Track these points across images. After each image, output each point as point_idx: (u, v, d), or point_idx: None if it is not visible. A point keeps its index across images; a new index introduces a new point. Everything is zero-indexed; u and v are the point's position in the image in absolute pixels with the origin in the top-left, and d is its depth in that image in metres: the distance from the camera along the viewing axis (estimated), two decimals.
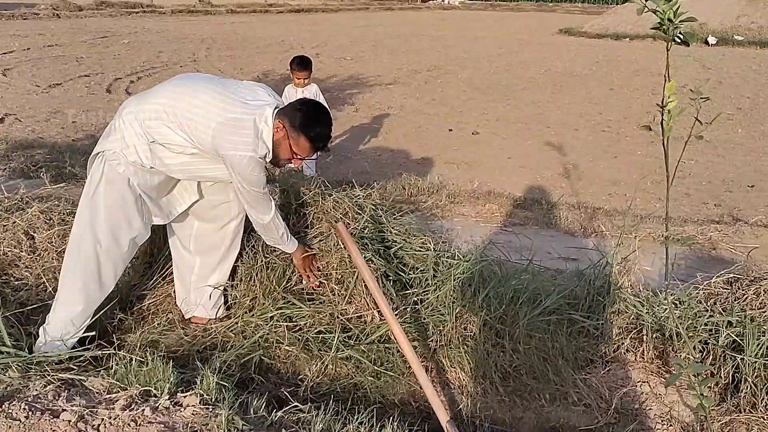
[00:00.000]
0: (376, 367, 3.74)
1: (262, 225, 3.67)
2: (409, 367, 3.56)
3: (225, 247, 3.99)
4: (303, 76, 6.95)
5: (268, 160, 3.50)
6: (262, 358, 3.77)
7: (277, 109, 3.45)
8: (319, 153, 6.16)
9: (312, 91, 7.01)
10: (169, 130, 3.40)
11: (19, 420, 2.67)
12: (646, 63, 17.07)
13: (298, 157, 3.52)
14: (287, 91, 7.05)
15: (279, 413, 2.96)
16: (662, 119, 2.93)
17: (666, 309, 3.76)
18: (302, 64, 7.02)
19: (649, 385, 3.66)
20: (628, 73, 15.63)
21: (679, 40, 2.62)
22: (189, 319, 4.08)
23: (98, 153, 3.49)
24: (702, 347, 3.70)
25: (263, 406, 3.00)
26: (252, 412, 2.95)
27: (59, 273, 3.63)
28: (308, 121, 3.43)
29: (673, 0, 2.45)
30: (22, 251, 4.30)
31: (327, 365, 3.74)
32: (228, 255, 4.03)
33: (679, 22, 2.53)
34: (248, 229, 4.17)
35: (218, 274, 4.03)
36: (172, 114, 3.37)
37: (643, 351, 3.82)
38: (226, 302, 4.15)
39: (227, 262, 4.05)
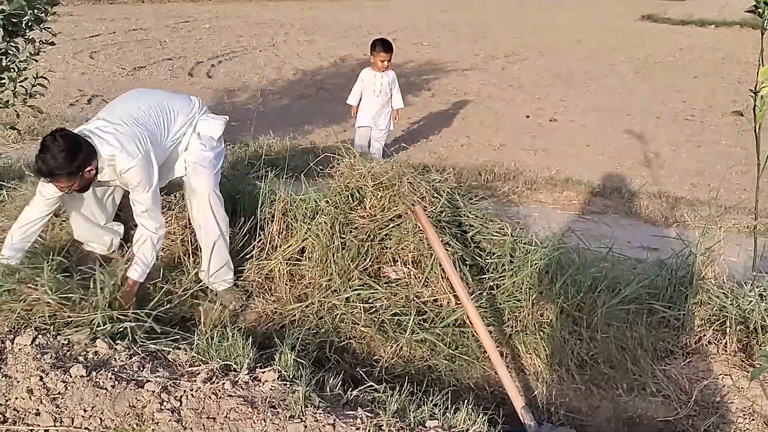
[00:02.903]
0: (450, 351, 3.75)
1: None
2: (484, 351, 3.55)
3: (198, 222, 4.08)
4: (386, 58, 6.75)
5: None
6: (338, 338, 3.82)
7: None
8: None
9: (390, 77, 6.90)
10: None
11: (106, 389, 2.77)
12: (732, 51, 16.52)
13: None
14: (363, 74, 6.92)
15: (354, 392, 3.00)
16: (755, 105, 2.85)
17: (751, 301, 3.66)
18: (386, 45, 6.81)
19: (732, 378, 3.57)
20: (713, 61, 15.16)
21: None
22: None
23: None
24: None
25: (339, 385, 3.03)
26: (328, 389, 2.99)
27: None
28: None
29: None
30: None
31: (402, 347, 3.76)
32: (203, 229, 4.07)
33: None
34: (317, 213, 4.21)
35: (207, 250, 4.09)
36: None
37: (726, 343, 3.72)
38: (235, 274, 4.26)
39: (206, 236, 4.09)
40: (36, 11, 4.95)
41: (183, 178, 4.08)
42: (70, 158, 3.47)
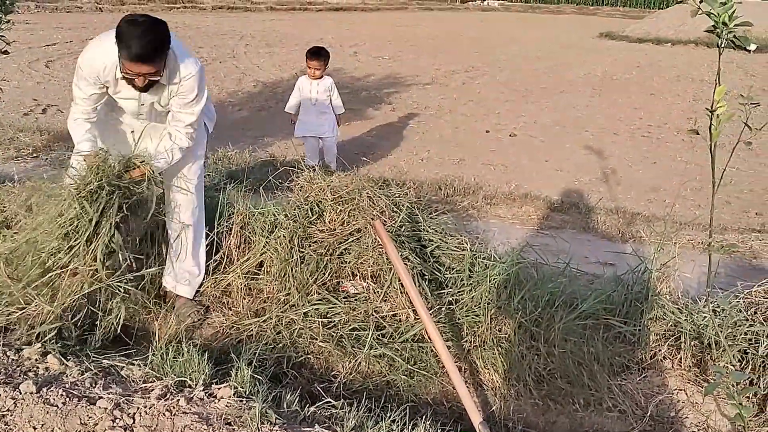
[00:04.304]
0: (409, 366, 3.73)
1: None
2: (443, 366, 3.54)
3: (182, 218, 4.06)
4: (315, 66, 6.75)
5: (107, 69, 3.61)
6: (296, 353, 3.78)
7: None
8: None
9: (326, 85, 6.89)
10: None
11: (57, 406, 2.71)
12: (688, 69, 16.85)
13: (130, 74, 3.50)
14: (300, 81, 6.93)
15: (312, 408, 2.97)
16: (711, 124, 2.89)
17: (705, 317, 3.70)
18: (315, 53, 6.80)
19: (686, 393, 3.61)
20: (669, 79, 15.44)
21: (732, 44, 2.58)
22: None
23: None
24: (741, 357, 3.64)
25: (296, 401, 3.01)
26: (285, 406, 2.96)
27: None
28: (120, 32, 3.41)
29: (728, 3, 2.40)
30: None
31: (360, 362, 3.74)
32: (188, 230, 4.07)
33: (734, 26, 2.48)
34: (280, 225, 4.18)
35: (186, 252, 4.09)
36: None
37: (681, 358, 3.76)
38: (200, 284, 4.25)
39: (190, 238, 4.09)
40: None
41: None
42: (162, 37, 3.43)
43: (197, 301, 4.16)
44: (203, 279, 4.20)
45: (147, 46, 3.37)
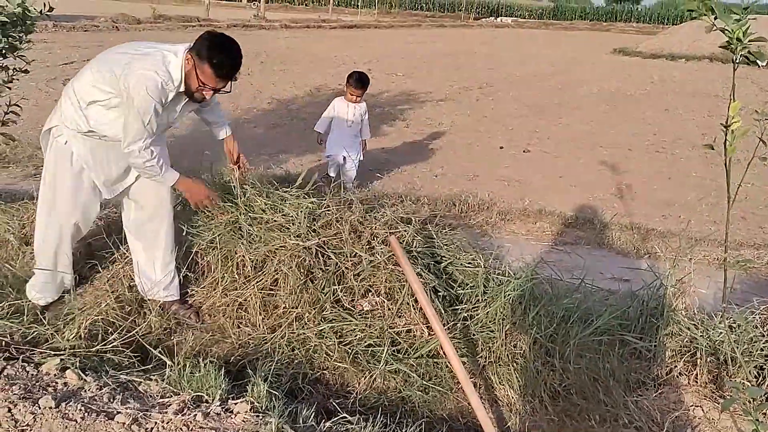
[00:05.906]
0: (424, 382, 3.74)
1: (132, 153, 3.73)
2: (458, 382, 3.54)
3: (160, 232, 4.15)
4: (359, 94, 6.82)
5: (176, 90, 3.73)
6: (312, 369, 3.80)
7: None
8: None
9: (363, 109, 6.99)
10: (95, 89, 3.75)
11: (75, 420, 2.73)
12: (702, 84, 16.84)
13: (206, 87, 3.73)
14: (336, 103, 6.97)
15: (328, 423, 2.98)
16: (725, 139, 2.90)
17: (721, 333, 3.70)
18: (360, 82, 6.86)
19: (703, 410, 3.59)
20: (683, 94, 15.43)
21: (747, 60, 2.59)
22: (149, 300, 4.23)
23: (46, 130, 3.89)
24: (757, 372, 3.62)
25: (312, 416, 3.02)
26: (301, 421, 2.97)
27: None
28: (212, 49, 3.66)
29: (743, 20, 2.42)
30: None
31: (375, 378, 3.74)
32: (163, 239, 4.16)
33: (748, 41, 2.50)
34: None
35: (161, 259, 4.18)
36: (97, 72, 3.76)
37: (697, 375, 3.75)
38: (181, 284, 4.31)
39: (163, 245, 4.17)
40: (10, 39, 4.93)
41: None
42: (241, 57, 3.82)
43: (186, 303, 4.28)
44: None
45: (238, 66, 3.75)
